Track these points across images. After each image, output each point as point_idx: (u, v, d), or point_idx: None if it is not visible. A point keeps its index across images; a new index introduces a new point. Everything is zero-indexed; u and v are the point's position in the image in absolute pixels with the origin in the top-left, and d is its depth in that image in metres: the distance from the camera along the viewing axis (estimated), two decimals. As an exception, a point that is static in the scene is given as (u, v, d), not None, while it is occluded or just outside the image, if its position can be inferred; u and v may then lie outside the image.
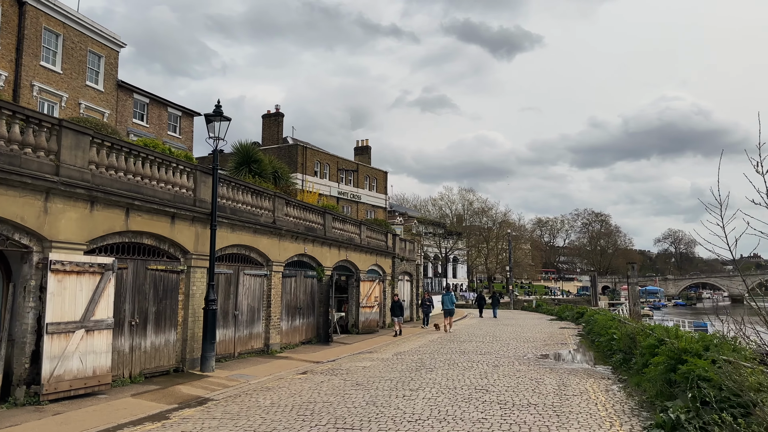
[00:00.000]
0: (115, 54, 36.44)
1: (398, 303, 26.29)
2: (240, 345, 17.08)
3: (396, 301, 26.60)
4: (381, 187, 60.30)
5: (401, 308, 26.24)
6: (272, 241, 18.57)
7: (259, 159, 29.76)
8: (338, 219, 24.53)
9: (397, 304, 26.19)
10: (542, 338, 25.41)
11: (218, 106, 15.42)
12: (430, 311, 31.13)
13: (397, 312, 25.96)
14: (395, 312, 25.98)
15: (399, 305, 26.15)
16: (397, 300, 26.75)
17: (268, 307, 18.47)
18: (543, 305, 54.57)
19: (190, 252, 14.62)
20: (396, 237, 32.32)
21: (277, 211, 18.87)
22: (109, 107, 35.76)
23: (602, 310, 34.38)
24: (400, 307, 26.16)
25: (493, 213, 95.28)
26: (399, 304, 26.27)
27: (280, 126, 51.75)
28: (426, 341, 23.88)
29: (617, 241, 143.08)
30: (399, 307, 26.10)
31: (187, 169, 14.69)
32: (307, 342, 21.57)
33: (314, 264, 22.19)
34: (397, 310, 26.03)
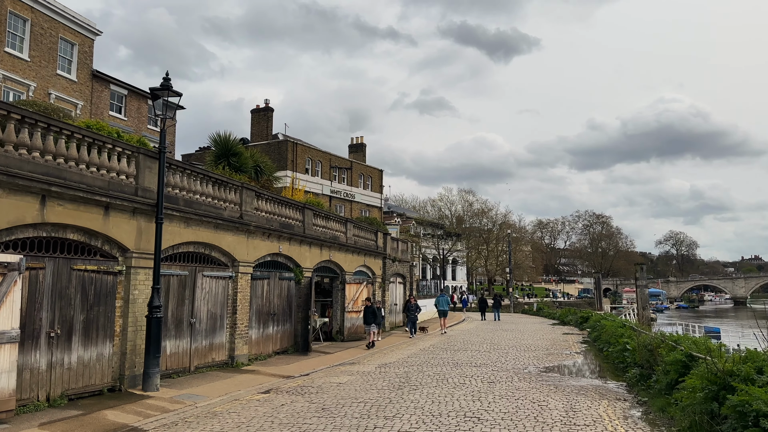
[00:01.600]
0: (90, 42, 34.26)
1: (372, 308, 22.20)
2: (198, 358, 14.84)
3: (369, 306, 22.36)
4: (376, 185, 58.09)
5: (375, 315, 22.15)
6: (239, 238, 16.35)
7: (239, 152, 27.69)
8: (320, 215, 22.30)
9: (370, 310, 22.11)
10: (544, 346, 23.18)
11: (166, 79, 13.27)
12: (416, 318, 27.11)
13: (369, 319, 22.02)
14: (368, 319, 22.08)
15: (373, 311, 22.12)
16: (370, 305, 22.41)
17: (234, 313, 16.24)
18: (544, 308, 52.34)
19: (131, 250, 12.39)
20: (387, 236, 30.10)
21: (245, 204, 16.65)
22: (83, 98, 33.58)
23: (608, 315, 32.12)
24: (374, 314, 22.09)
25: (493, 214, 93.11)
26: (373, 309, 22.19)
27: (270, 121, 49.56)
28: (416, 350, 21.64)
29: (618, 243, 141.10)
30: (372, 313, 22.07)
31: (127, 151, 12.47)
32: (283, 352, 19.33)
33: (291, 265, 19.96)
34: (369, 316, 22.05)
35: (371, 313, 22.03)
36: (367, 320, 22.29)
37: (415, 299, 27.66)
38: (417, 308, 27.14)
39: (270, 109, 49.82)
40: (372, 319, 22.03)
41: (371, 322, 22.00)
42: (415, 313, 26.92)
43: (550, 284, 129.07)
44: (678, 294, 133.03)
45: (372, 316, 22.00)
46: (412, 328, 26.88)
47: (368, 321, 22.17)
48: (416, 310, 27.05)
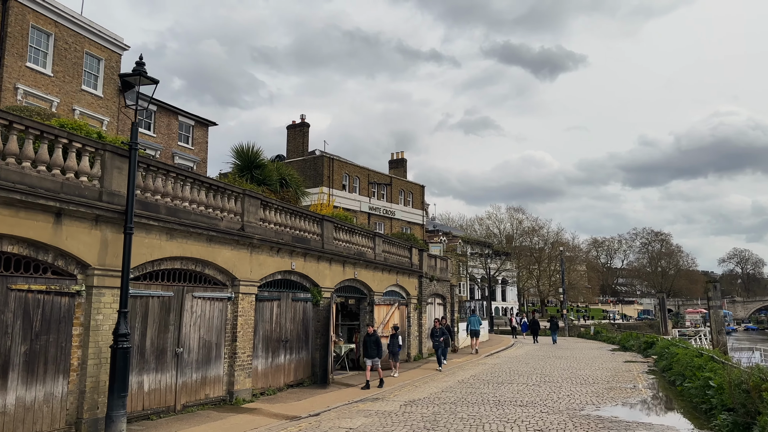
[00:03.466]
0: (117, 57, 33.37)
1: (374, 337, 17.28)
2: (186, 394, 12.57)
3: (371, 334, 17.40)
4: (417, 202, 55.57)
5: (378, 345, 17.27)
6: (239, 253, 14.12)
7: (263, 165, 25.87)
8: (342, 228, 19.94)
9: (372, 339, 17.21)
10: (604, 378, 19.96)
11: (140, 63, 11.27)
12: (442, 346, 22.14)
13: (371, 351, 17.08)
14: (369, 351, 17.16)
15: (375, 340, 17.25)
16: (372, 333, 17.45)
17: (233, 341, 13.94)
18: (602, 332, 48.24)
19: (92, 266, 10.28)
20: (423, 253, 27.47)
21: (247, 214, 14.44)
22: (109, 114, 32.58)
23: (678, 341, 28.37)
24: (377, 344, 17.21)
25: (545, 232, 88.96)
26: (375, 338, 17.32)
27: (306, 137, 47.94)
28: (453, 382, 18.84)
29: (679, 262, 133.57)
30: (375, 343, 17.19)
31: (89, 148, 10.44)
32: (298, 384, 16.91)
33: (308, 284, 17.62)
34: (371, 348, 17.12)
35: (373, 343, 17.19)
36: (367, 352, 17.24)
37: (442, 323, 23.23)
38: (444, 334, 22.56)
39: (306, 124, 48.26)
40: (375, 352, 17.14)
41: (374, 356, 17.09)
42: (440, 340, 22.04)
43: (608, 305, 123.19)
44: (745, 315, 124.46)
45: (374, 347, 17.18)
46: (439, 358, 22.28)
47: (369, 353, 17.14)
48: (442, 335, 22.27)
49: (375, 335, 17.46)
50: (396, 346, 19.72)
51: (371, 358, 17.14)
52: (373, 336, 17.37)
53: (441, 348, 22.23)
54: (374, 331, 17.63)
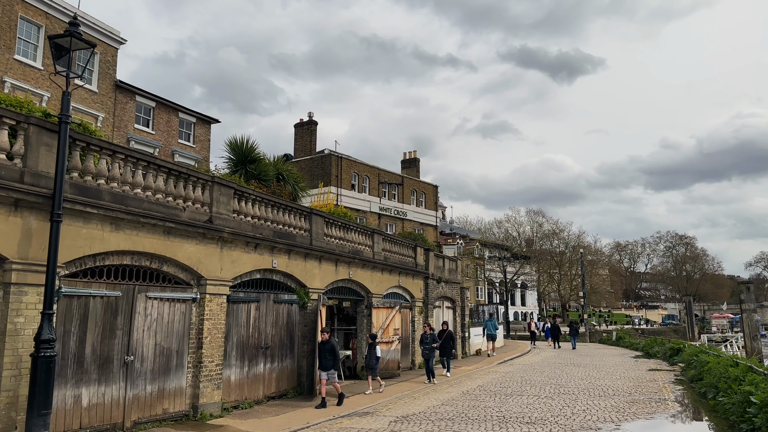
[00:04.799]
0: (113, 51, 32.16)
1: (329, 344, 14.20)
2: (138, 409, 10.93)
3: (325, 341, 14.26)
4: (431, 202, 53.69)
5: (335, 354, 14.29)
6: (206, 248, 12.49)
7: (258, 159, 24.35)
8: (335, 224, 18.23)
9: (327, 347, 14.15)
10: (626, 389, 17.94)
11: (74, 23, 9.73)
12: (432, 356, 19.24)
13: (326, 362, 14.05)
14: (324, 362, 14.13)
15: (331, 349, 14.17)
16: (327, 340, 14.27)
17: (199, 348, 12.29)
18: (625, 337, 45.84)
19: (9, 259, 8.70)
20: (430, 252, 25.64)
21: (217, 204, 12.81)
22: (105, 110, 31.35)
23: (708, 347, 26.12)
24: (332, 353, 14.16)
25: (565, 235, 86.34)
26: (331, 346, 14.21)
27: (313, 135, 46.41)
28: (457, 393, 17.00)
29: (704, 266, 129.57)
30: (330, 352, 14.11)
31: (7, 120, 8.86)
32: (281, 395, 15.20)
33: (293, 284, 15.93)
34: (326, 358, 14.08)
35: (328, 352, 14.03)
36: (321, 363, 14.16)
37: (432, 329, 20.20)
38: (436, 341, 19.69)
39: (313, 122, 46.76)
40: (330, 362, 13.98)
41: (328, 367, 14.01)
42: (430, 347, 19.22)
43: (631, 310, 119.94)
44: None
45: (329, 356, 13.99)
46: (428, 368, 19.26)
47: (323, 364, 14.08)
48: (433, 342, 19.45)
49: (330, 343, 14.23)
50: (373, 359, 16.61)
51: (326, 369, 14.04)
52: (327, 344, 14.21)
53: (432, 358, 19.41)
54: (330, 337, 14.44)
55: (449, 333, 20.88)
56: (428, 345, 19.32)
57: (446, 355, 20.84)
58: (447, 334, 20.75)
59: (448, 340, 20.64)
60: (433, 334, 19.81)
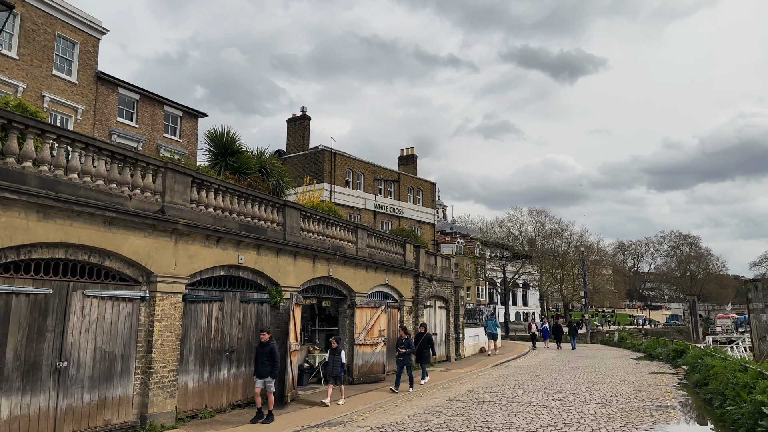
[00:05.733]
0: (94, 41, 30.99)
1: (269, 347, 12.09)
2: (73, 421, 9.72)
3: (264, 343, 12.19)
4: (428, 200, 52.41)
5: (273, 359, 12.03)
6: (157, 241, 11.28)
7: (239, 151, 23.22)
8: (312, 217, 17.00)
9: (266, 351, 12.05)
10: (626, 394, 16.68)
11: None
12: (408, 363, 17.15)
13: (263, 368, 12.01)
14: (261, 369, 12.07)
15: (270, 352, 12.04)
16: (267, 341, 12.18)
17: (148, 352, 11.08)
18: (627, 338, 44.49)
19: None
20: (420, 249, 24.39)
21: (171, 194, 11.60)
22: (85, 102, 30.18)
23: (713, 349, 24.80)
24: (271, 357, 12.01)
25: (568, 235, 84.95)
26: (270, 350, 12.05)
27: (306, 130, 45.19)
28: (443, 399, 15.76)
29: (709, 266, 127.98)
30: (268, 356, 12.03)
31: None
32: (249, 403, 13.96)
33: (263, 282, 14.71)
34: (263, 363, 12.01)
35: (265, 357, 11.99)
36: (257, 369, 12.16)
37: (407, 333, 17.72)
38: (411, 346, 17.40)
39: (307, 117, 45.55)
40: (267, 368, 11.97)
41: (265, 374, 12.01)
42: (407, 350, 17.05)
43: (634, 310, 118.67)
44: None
45: (266, 361, 11.96)
46: (399, 377, 17.08)
47: (259, 371, 12.09)
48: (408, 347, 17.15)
49: (270, 345, 12.11)
50: (338, 365, 14.64)
51: (262, 377, 12.05)
52: (267, 346, 12.12)
53: (408, 365, 17.21)
54: (270, 339, 12.32)
55: (427, 336, 18.93)
56: (403, 354, 17.12)
57: (424, 361, 18.96)
58: (425, 337, 18.80)
59: (426, 344, 18.80)
60: (408, 339, 17.44)
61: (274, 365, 12.04)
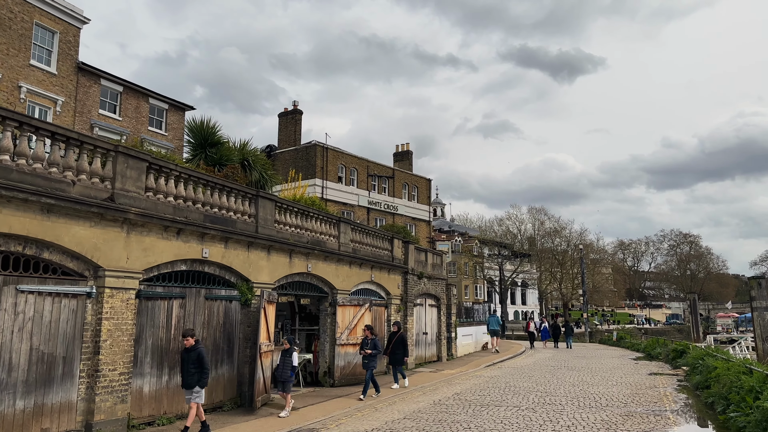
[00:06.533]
0: (75, 31, 30.01)
1: (196, 353, 10.25)
2: (4, 431, 8.73)
3: (189, 348, 10.30)
4: (424, 197, 51.39)
5: (203, 367, 10.26)
6: (105, 232, 10.29)
7: (220, 142, 22.22)
8: (289, 210, 15.99)
9: (193, 356, 10.25)
10: (622, 397, 15.69)
11: None
12: (374, 365, 15.67)
13: (191, 378, 10.26)
14: (188, 379, 10.31)
15: (198, 359, 10.24)
16: (193, 346, 10.29)
17: (95, 353, 10.10)
18: (626, 338, 43.51)
19: None
20: (409, 245, 23.38)
21: (123, 180, 10.61)
22: (65, 93, 29.20)
23: (714, 350, 23.80)
24: (200, 364, 10.25)
25: (567, 233, 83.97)
26: (198, 355, 10.25)
27: (298, 125, 44.18)
28: (427, 403, 14.78)
29: (709, 265, 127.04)
30: (196, 363, 10.24)
31: None
32: (215, 408, 12.99)
33: (233, 278, 13.72)
34: (190, 372, 10.29)
35: (192, 363, 10.19)
36: (184, 379, 10.40)
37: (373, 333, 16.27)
38: (377, 347, 15.83)
39: (298, 111, 44.54)
40: (194, 377, 10.20)
41: (192, 384, 10.22)
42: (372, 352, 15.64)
43: (634, 309, 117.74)
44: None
45: (194, 368, 10.19)
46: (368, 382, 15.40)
47: (186, 380, 10.31)
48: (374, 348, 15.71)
49: (197, 350, 10.20)
50: (287, 369, 12.74)
51: (189, 387, 10.26)
52: (193, 351, 10.19)
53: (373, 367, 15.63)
54: (197, 343, 10.37)
55: (400, 337, 17.26)
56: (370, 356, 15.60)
57: (396, 364, 17.15)
58: (398, 337, 17.15)
59: (399, 345, 17.04)
60: (375, 340, 15.89)
61: (203, 373, 10.27)
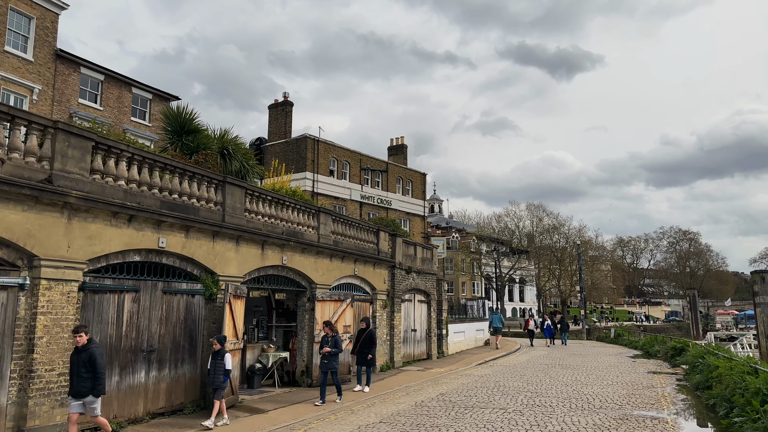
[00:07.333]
0: (53, 16, 28.94)
1: (88, 354, 8.59)
2: None
3: (81, 347, 8.69)
4: (418, 191, 50.34)
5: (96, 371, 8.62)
6: (42, 217, 9.27)
7: (197, 130, 21.21)
8: (262, 198, 14.94)
9: (83, 358, 8.59)
10: (617, 398, 14.69)
11: None
12: (334, 367, 13.94)
13: (83, 385, 8.60)
14: (78, 386, 8.66)
15: (89, 360, 8.55)
16: (85, 345, 8.67)
17: (29, 351, 9.08)
18: (624, 335, 42.49)
19: None
20: (397, 238, 22.35)
21: (63, 161, 9.57)
22: (42, 81, 28.16)
23: (715, 348, 22.79)
24: (92, 366, 8.59)
25: (566, 230, 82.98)
26: (90, 356, 8.56)
27: (289, 117, 43.07)
28: (408, 405, 13.78)
29: (709, 262, 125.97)
30: (88, 365, 8.60)
31: None
32: (174, 411, 11.98)
33: (196, 270, 12.69)
34: (83, 377, 8.61)
35: (83, 366, 8.59)
36: (73, 386, 8.72)
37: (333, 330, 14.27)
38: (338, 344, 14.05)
39: (289, 103, 43.44)
40: (88, 385, 8.61)
41: (84, 392, 8.61)
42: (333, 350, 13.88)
43: (633, 306, 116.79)
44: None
45: (86, 373, 8.56)
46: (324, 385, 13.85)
47: (76, 388, 8.64)
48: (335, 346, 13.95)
49: (89, 350, 8.60)
50: (219, 373, 11.17)
51: (80, 396, 8.59)
52: (84, 351, 8.61)
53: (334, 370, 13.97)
54: (89, 342, 8.73)
55: (369, 334, 15.57)
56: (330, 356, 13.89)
57: (364, 365, 15.61)
58: (366, 335, 15.51)
59: (367, 343, 15.42)
60: (336, 337, 14.09)
61: (98, 378, 8.55)
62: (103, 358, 8.46)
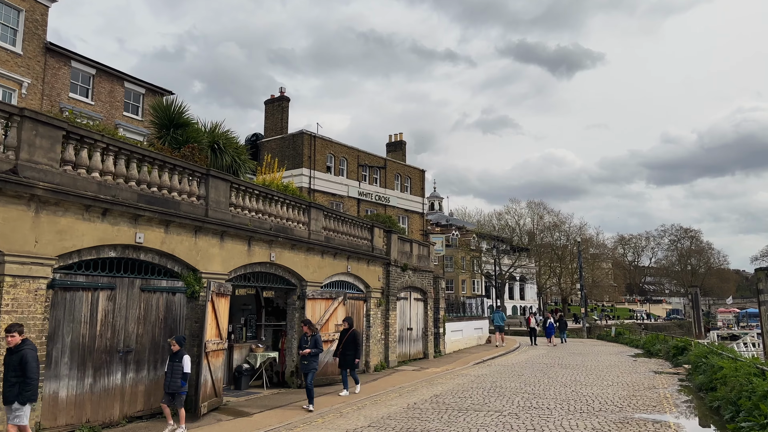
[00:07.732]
0: (43, 9, 28.36)
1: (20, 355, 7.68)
2: None
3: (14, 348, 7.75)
4: (417, 188, 49.77)
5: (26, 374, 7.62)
6: (5, 210, 8.75)
7: (187, 123, 20.74)
8: (248, 192, 14.38)
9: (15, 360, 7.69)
10: (617, 400, 14.14)
11: None
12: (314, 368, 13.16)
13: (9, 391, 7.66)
14: (6, 392, 7.72)
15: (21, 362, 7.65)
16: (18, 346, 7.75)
17: (-9, 352, 8.54)
18: (625, 333, 41.92)
19: None
20: (392, 234, 21.80)
21: (30, 151, 9.03)
22: (31, 75, 27.59)
23: (719, 347, 22.22)
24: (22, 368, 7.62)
25: (567, 227, 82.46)
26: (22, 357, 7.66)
27: (285, 112, 42.50)
28: (400, 407, 13.25)
29: (710, 260, 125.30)
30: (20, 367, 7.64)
31: None
32: (153, 415, 11.44)
33: (177, 267, 12.15)
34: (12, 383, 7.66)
35: (14, 370, 7.62)
36: (4, 392, 7.73)
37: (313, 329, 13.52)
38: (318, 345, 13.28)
39: (285, 98, 42.88)
40: (15, 390, 7.59)
41: (11, 398, 7.61)
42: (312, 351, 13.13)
43: (634, 304, 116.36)
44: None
45: (16, 377, 7.60)
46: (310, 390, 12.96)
47: (5, 393, 7.69)
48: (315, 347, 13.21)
49: (20, 352, 7.67)
50: (177, 377, 10.10)
51: (7, 402, 7.66)
52: (15, 354, 7.70)
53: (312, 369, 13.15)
54: (24, 343, 7.81)
55: (352, 334, 14.76)
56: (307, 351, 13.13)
57: (347, 367, 14.74)
58: (349, 335, 14.73)
59: (350, 344, 14.61)
60: (315, 336, 13.30)
61: (26, 384, 7.57)
62: (37, 362, 7.80)
